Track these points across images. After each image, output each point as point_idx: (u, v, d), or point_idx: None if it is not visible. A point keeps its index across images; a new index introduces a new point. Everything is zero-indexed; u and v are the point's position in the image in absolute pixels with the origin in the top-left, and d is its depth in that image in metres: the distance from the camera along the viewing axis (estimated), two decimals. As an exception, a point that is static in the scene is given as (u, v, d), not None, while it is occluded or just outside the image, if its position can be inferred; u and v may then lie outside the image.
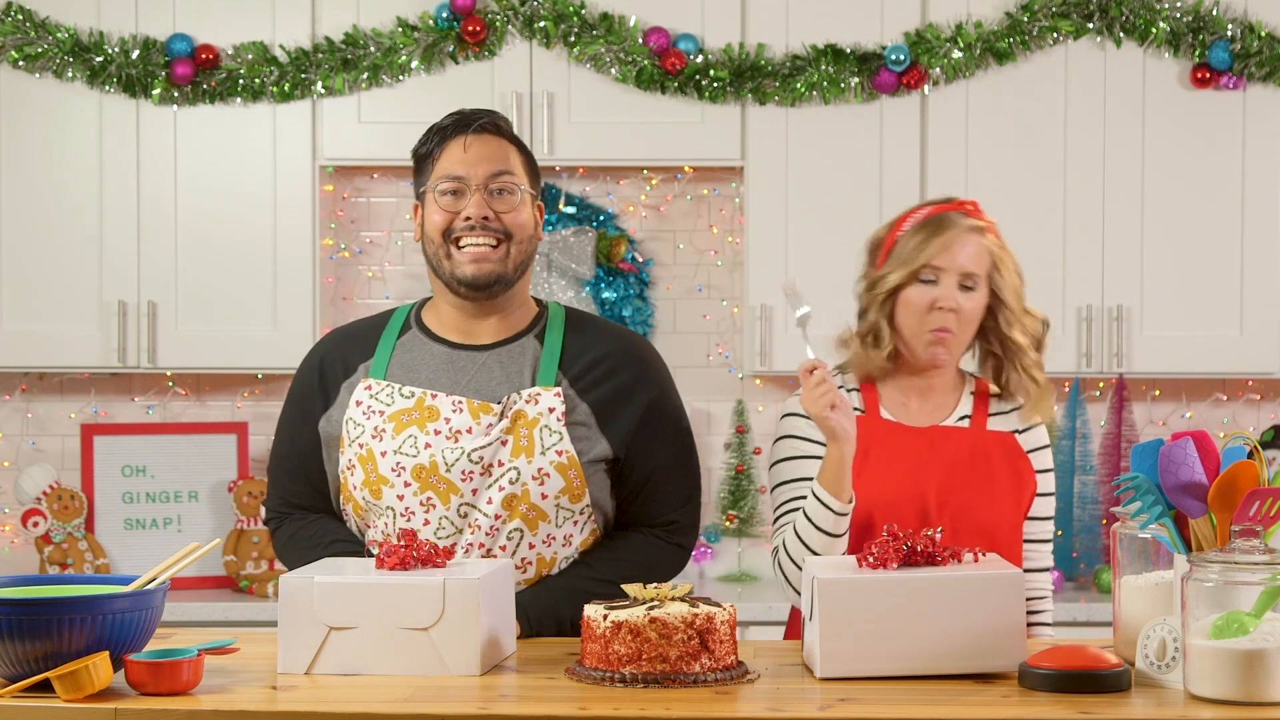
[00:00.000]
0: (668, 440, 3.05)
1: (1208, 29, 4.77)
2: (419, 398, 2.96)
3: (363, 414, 2.98)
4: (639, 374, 3.03)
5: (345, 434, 3.00)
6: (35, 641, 2.36)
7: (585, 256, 5.09)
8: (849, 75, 4.80)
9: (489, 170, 2.96)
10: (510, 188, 2.97)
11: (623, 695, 2.40)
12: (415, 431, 2.94)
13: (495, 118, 3.02)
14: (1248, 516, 2.38)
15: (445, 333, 3.04)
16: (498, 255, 2.96)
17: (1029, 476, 3.10)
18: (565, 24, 4.80)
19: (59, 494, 5.00)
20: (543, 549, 2.97)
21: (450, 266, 2.97)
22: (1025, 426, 3.14)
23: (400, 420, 2.95)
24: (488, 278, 2.96)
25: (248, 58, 4.81)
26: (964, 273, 3.04)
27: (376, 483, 2.96)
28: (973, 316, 3.07)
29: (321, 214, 4.93)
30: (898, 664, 2.49)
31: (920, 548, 2.59)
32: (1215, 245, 4.84)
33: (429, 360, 3.02)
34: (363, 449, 2.97)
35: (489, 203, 2.95)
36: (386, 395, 2.98)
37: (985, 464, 3.07)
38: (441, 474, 2.92)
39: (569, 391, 2.97)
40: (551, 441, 2.93)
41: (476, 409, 2.94)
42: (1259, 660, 2.29)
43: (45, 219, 4.85)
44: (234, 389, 5.15)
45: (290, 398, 3.13)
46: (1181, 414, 5.13)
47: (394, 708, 2.33)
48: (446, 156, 2.98)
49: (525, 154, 3.04)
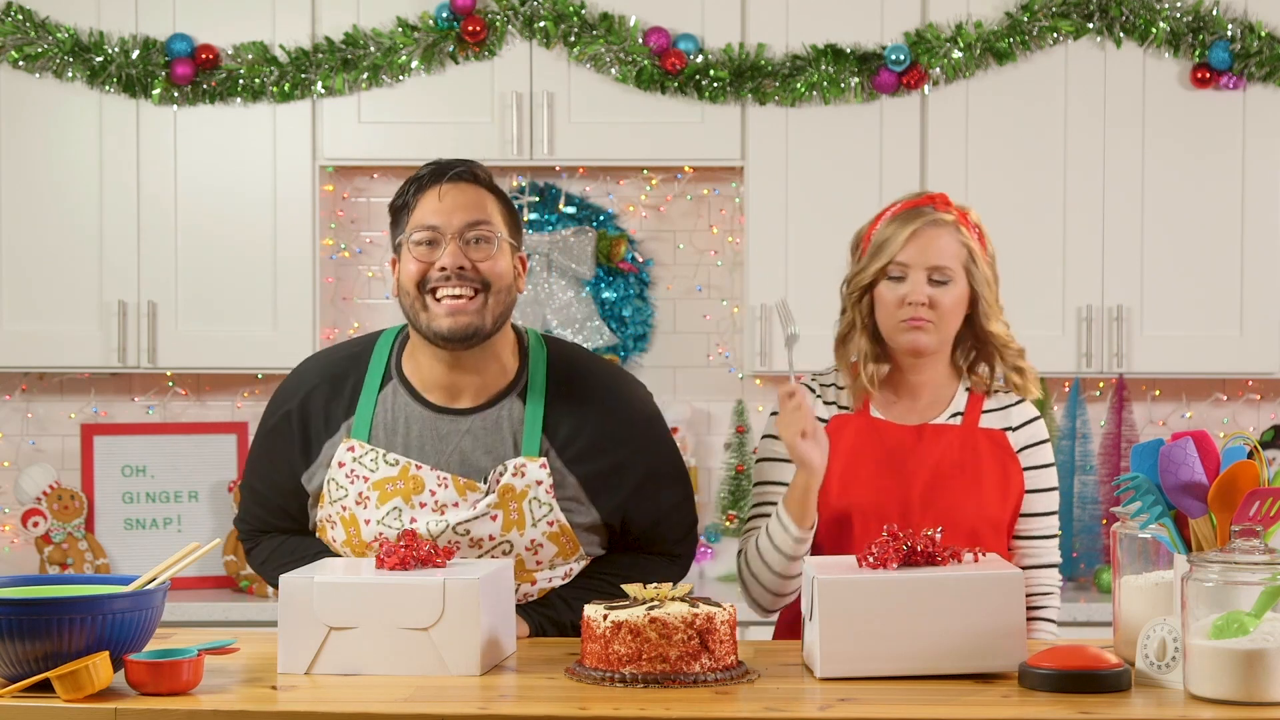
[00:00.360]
0: (661, 498, 3.02)
1: (1208, 29, 4.77)
2: (403, 467, 2.91)
3: (345, 476, 2.94)
4: (631, 446, 2.98)
5: (327, 493, 2.96)
6: (35, 641, 2.36)
7: (585, 256, 5.09)
8: (849, 75, 4.80)
9: (465, 219, 2.87)
10: (487, 236, 2.88)
11: (623, 695, 2.40)
12: (400, 504, 2.90)
13: (472, 166, 2.94)
14: (1248, 516, 2.38)
15: (426, 390, 2.96)
16: (474, 306, 2.86)
17: (1016, 475, 3.08)
18: (565, 24, 4.80)
19: (59, 494, 5.00)
20: (543, 584, 2.99)
21: (427, 319, 2.88)
22: (1021, 423, 3.12)
23: (384, 490, 2.91)
24: (464, 330, 2.86)
25: (248, 58, 4.81)
26: (931, 266, 3.03)
27: (360, 546, 2.95)
28: (950, 309, 3.04)
29: (321, 214, 4.93)
30: (898, 664, 2.49)
31: (920, 548, 2.59)
32: (1215, 245, 4.83)
33: (412, 425, 2.94)
34: (345, 511, 2.94)
35: (465, 252, 2.86)
36: (370, 460, 2.93)
37: (974, 462, 3.06)
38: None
39: (556, 463, 2.92)
40: (542, 514, 2.91)
41: (463, 487, 2.90)
42: (1259, 660, 2.29)
43: (45, 219, 4.85)
44: (234, 389, 5.15)
45: (267, 433, 3.04)
46: (1181, 414, 5.13)
47: (394, 708, 2.33)
48: (422, 206, 2.90)
49: (504, 203, 2.95)
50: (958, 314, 3.07)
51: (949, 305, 3.04)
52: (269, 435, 3.04)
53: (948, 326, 3.06)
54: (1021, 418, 3.13)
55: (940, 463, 3.05)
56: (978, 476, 3.05)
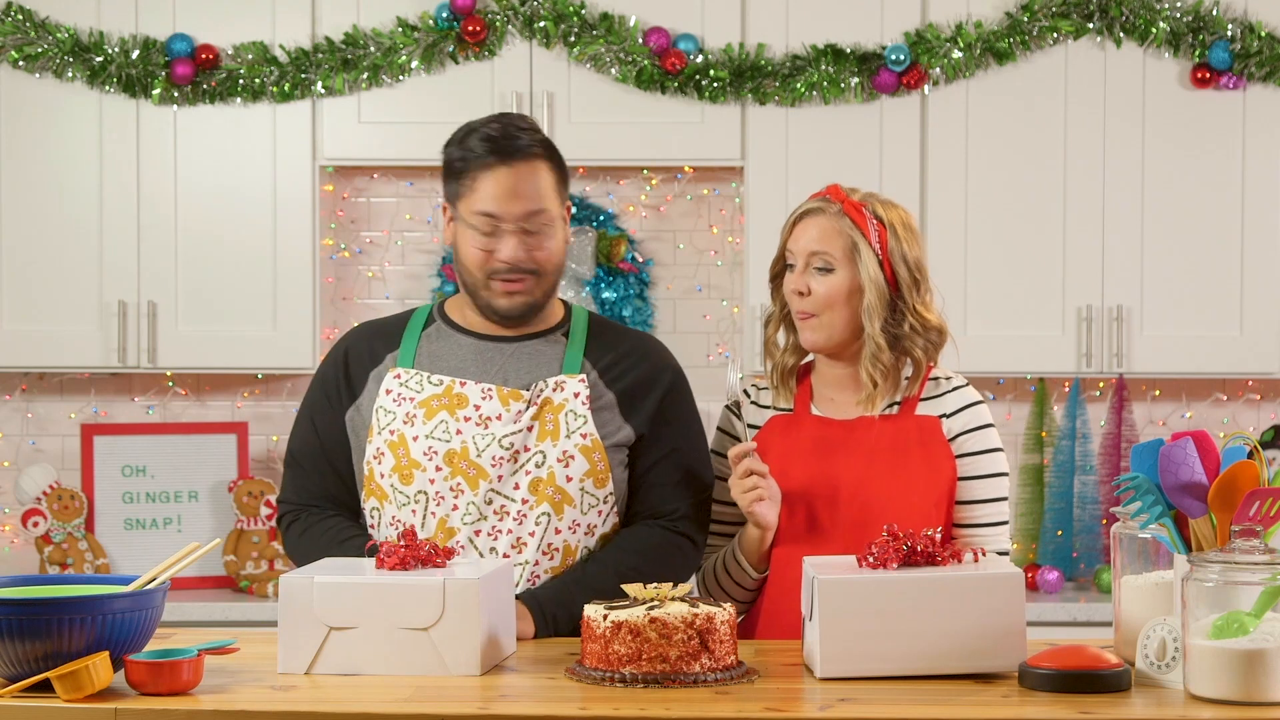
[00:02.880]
0: (683, 429, 3.11)
1: (1208, 29, 4.78)
2: (448, 385, 3.01)
3: (393, 401, 3.02)
4: (661, 369, 3.11)
5: (375, 422, 3.02)
6: (35, 641, 2.36)
7: (585, 256, 5.09)
8: (849, 75, 4.80)
9: (524, 209, 2.96)
10: (545, 225, 2.99)
11: (623, 695, 2.40)
12: (446, 417, 2.99)
13: (532, 136, 2.99)
14: (1248, 516, 2.38)
15: (472, 326, 3.09)
16: (527, 287, 3.00)
17: (946, 462, 3.03)
18: (565, 24, 4.80)
19: (59, 494, 5.00)
20: (569, 535, 2.99)
21: (487, 296, 3.02)
22: (956, 409, 3.06)
23: (430, 406, 3.00)
24: (521, 308, 3.02)
25: (248, 58, 4.81)
26: (809, 253, 3.03)
27: (409, 467, 2.98)
28: (828, 298, 3.02)
29: (321, 214, 4.93)
30: (898, 664, 2.49)
31: (920, 548, 2.59)
32: (1215, 245, 4.84)
33: (456, 350, 3.07)
34: (394, 434, 3.00)
35: (523, 242, 2.97)
36: (416, 383, 3.02)
37: (902, 452, 3.03)
38: (472, 459, 2.96)
39: (595, 380, 3.04)
40: (576, 425, 2.98)
41: (506, 396, 2.99)
42: (1259, 660, 2.29)
43: (45, 219, 4.85)
44: (234, 389, 5.15)
45: (313, 390, 3.14)
46: (1181, 414, 5.13)
47: (394, 708, 2.33)
48: (482, 187, 2.96)
49: (557, 166, 3.03)
50: (838, 303, 3.02)
51: (824, 294, 3.02)
52: (316, 393, 3.13)
53: (834, 318, 3.03)
54: (957, 404, 3.07)
55: (871, 454, 3.03)
56: (904, 465, 3.02)
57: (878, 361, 3.03)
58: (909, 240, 3.04)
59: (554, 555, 2.99)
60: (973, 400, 3.09)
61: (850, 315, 3.03)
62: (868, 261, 3.00)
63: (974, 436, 3.07)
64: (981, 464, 3.07)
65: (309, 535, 3.06)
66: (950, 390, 3.09)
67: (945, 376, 3.11)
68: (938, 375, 3.11)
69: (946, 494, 3.05)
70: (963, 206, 4.83)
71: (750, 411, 3.17)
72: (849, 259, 3.01)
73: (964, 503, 3.07)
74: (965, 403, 3.08)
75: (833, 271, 3.02)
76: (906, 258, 3.03)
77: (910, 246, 3.04)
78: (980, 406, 3.09)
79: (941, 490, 3.04)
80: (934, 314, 3.07)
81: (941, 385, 3.09)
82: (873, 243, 3.01)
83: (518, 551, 2.97)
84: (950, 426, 3.06)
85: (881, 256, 3.01)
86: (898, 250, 3.03)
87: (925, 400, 3.08)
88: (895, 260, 3.03)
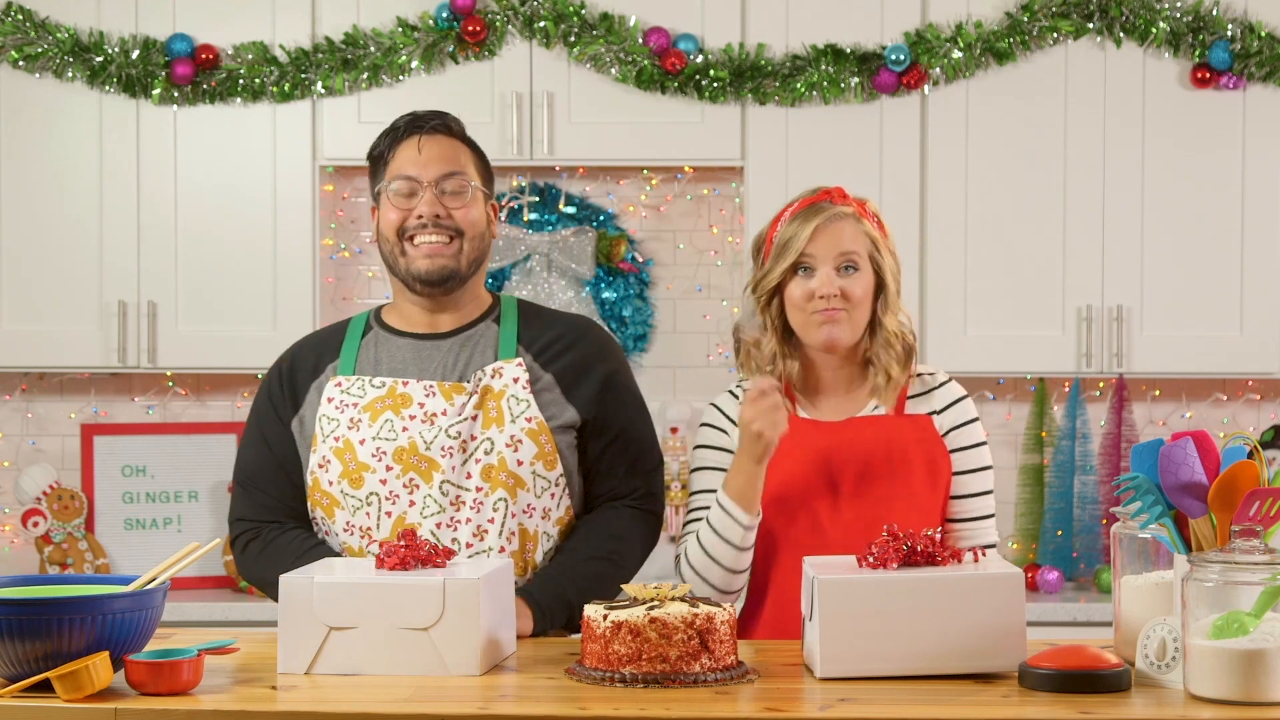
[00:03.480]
0: (628, 407, 3.14)
1: (1208, 29, 4.78)
2: (390, 386, 3.05)
3: (335, 409, 3.05)
4: (598, 348, 3.15)
5: (319, 430, 3.04)
6: (35, 641, 2.36)
7: (585, 256, 5.09)
8: (849, 75, 4.80)
9: (441, 170, 3.07)
10: (461, 187, 3.07)
11: (623, 695, 2.40)
12: (391, 416, 3.02)
13: (447, 119, 3.13)
14: (1248, 516, 2.38)
15: (407, 327, 3.13)
16: (450, 251, 3.06)
17: (944, 460, 3.06)
18: (565, 24, 4.80)
19: (59, 494, 5.00)
20: (524, 519, 3.02)
21: (405, 263, 3.07)
22: (946, 405, 3.09)
23: (375, 409, 3.03)
24: (441, 272, 3.06)
25: (248, 58, 4.82)
26: (840, 253, 3.03)
27: (357, 470, 3.00)
28: (861, 297, 3.04)
29: (321, 214, 4.93)
30: (898, 664, 2.49)
31: (920, 548, 2.59)
32: (1215, 245, 4.84)
33: (395, 353, 3.11)
34: (339, 441, 3.02)
35: (441, 201, 3.06)
36: (358, 388, 3.06)
37: (902, 453, 3.04)
38: (422, 453, 2.99)
39: (531, 363, 3.07)
40: (520, 409, 3.02)
41: (448, 390, 3.03)
42: (1259, 660, 2.29)
43: (45, 219, 4.85)
44: (234, 389, 5.15)
45: (258, 407, 3.16)
46: (1181, 414, 5.13)
47: (394, 707, 2.33)
48: (399, 157, 3.09)
49: (478, 154, 3.15)
50: (868, 303, 3.06)
51: (860, 294, 3.03)
52: (258, 408, 3.16)
53: (860, 316, 3.05)
54: (945, 399, 3.10)
55: (869, 455, 3.03)
56: (906, 466, 3.03)
57: (892, 349, 3.07)
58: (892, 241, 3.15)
59: (513, 540, 3.00)
60: (959, 395, 3.12)
61: (868, 313, 3.07)
62: (888, 259, 3.08)
63: (963, 431, 3.10)
64: (971, 458, 3.10)
65: (270, 551, 3.04)
66: (937, 387, 3.12)
67: (929, 373, 3.14)
68: (921, 373, 3.14)
69: (944, 490, 3.08)
70: (963, 206, 4.83)
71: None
72: (868, 259, 3.06)
73: (956, 497, 3.09)
74: (953, 398, 3.11)
75: (860, 271, 3.05)
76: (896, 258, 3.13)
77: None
78: (966, 401, 3.12)
79: (941, 487, 3.07)
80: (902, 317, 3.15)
81: (927, 382, 3.12)
82: (889, 241, 3.10)
83: (480, 540, 2.99)
84: (941, 423, 3.09)
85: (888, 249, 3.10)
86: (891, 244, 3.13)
87: (913, 398, 3.10)
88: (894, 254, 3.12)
